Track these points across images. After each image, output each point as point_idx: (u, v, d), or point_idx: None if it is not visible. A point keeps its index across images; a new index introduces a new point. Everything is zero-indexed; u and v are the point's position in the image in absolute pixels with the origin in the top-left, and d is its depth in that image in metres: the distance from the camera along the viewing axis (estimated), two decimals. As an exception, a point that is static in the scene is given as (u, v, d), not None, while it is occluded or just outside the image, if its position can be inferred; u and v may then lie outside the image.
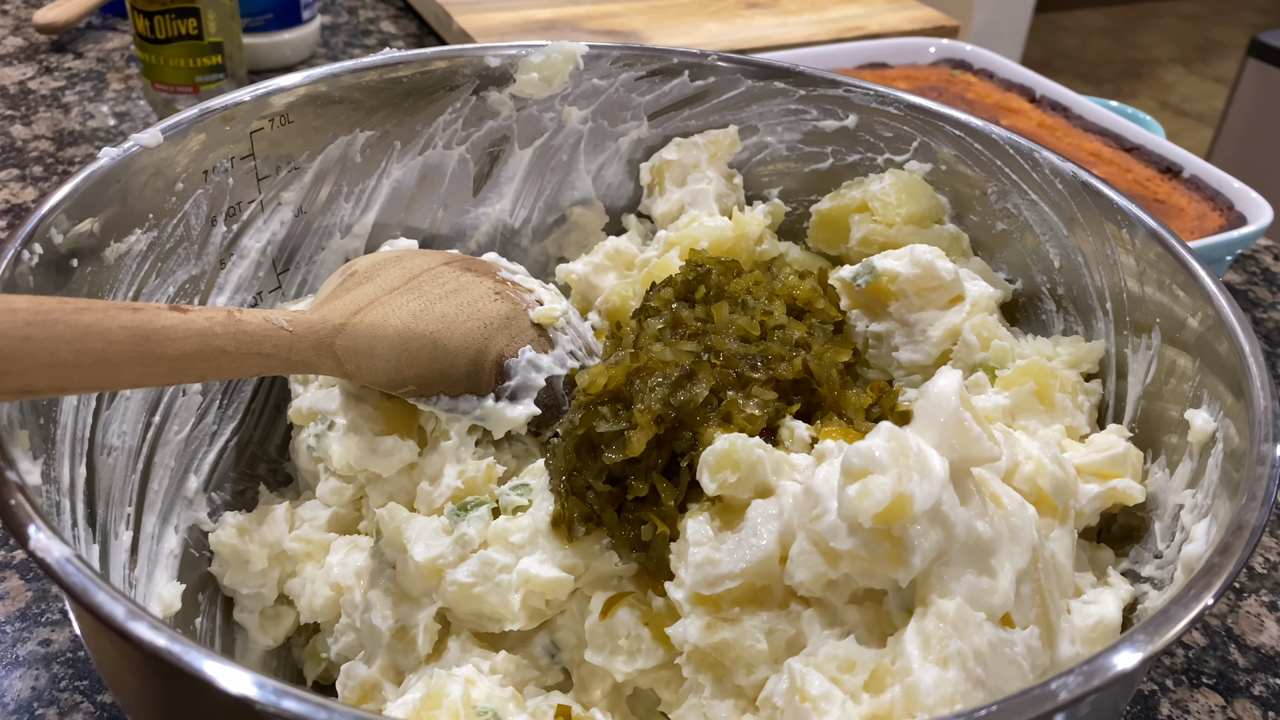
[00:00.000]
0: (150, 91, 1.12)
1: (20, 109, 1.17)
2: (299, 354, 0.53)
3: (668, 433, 0.52)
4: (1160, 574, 0.52)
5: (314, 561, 0.60)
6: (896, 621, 0.46)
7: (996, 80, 1.13)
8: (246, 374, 0.52)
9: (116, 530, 0.55)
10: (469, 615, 0.53)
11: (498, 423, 0.59)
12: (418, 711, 0.49)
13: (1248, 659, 0.67)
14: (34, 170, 1.07)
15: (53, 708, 0.59)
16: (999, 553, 0.46)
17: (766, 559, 0.48)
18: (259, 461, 0.69)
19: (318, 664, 0.61)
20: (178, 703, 0.42)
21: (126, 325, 0.45)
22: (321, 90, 0.67)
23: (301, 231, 0.69)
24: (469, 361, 0.58)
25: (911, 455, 0.44)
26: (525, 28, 1.30)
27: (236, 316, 0.50)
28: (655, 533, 0.51)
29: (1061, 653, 0.47)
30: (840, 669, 0.44)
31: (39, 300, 0.43)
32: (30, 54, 1.30)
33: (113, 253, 0.57)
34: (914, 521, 0.43)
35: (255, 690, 0.35)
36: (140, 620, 0.36)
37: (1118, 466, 0.56)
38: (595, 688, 0.53)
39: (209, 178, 0.63)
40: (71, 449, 0.52)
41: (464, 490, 0.57)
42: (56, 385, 0.44)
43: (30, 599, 0.65)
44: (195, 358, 0.48)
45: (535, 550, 0.53)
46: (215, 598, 0.62)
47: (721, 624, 0.48)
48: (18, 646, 0.62)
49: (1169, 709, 0.64)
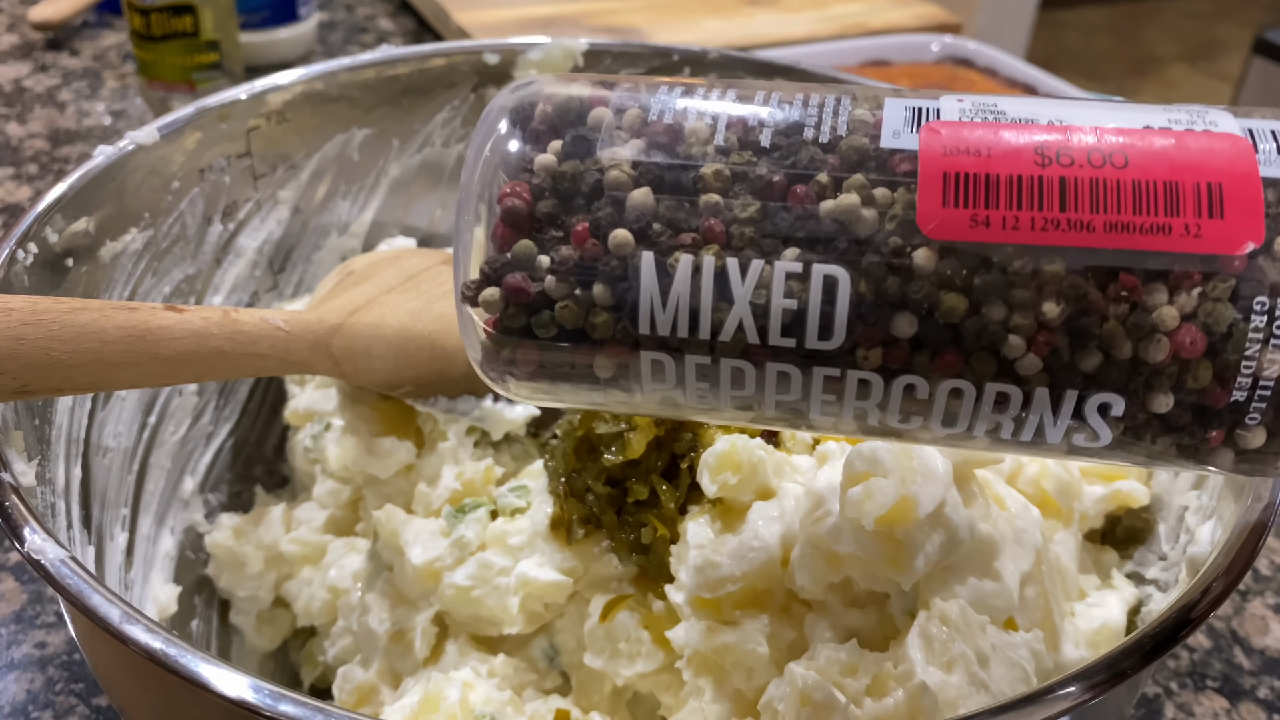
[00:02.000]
0: (146, 89, 1.11)
1: (15, 107, 1.17)
2: (296, 354, 0.53)
3: (668, 434, 0.51)
4: (1165, 576, 0.52)
5: (311, 564, 0.60)
6: (899, 625, 0.45)
7: (1000, 78, 1.13)
8: (243, 374, 0.51)
9: (112, 532, 0.55)
10: (467, 618, 0.53)
11: (496, 424, 0.58)
12: (415, 715, 0.48)
13: (1253, 661, 0.67)
14: (29, 169, 1.06)
15: (48, 711, 0.59)
16: (1002, 555, 0.46)
17: (768, 562, 0.47)
18: (255, 463, 0.68)
19: (315, 667, 0.61)
20: (174, 706, 0.41)
21: (122, 325, 0.45)
22: (319, 88, 0.67)
23: (298, 230, 0.69)
24: (467, 362, 0.58)
25: (914, 457, 0.44)
26: (524, 24, 1.29)
27: (233, 316, 0.50)
28: (655, 535, 0.51)
29: (1065, 656, 0.47)
30: (842, 672, 0.44)
31: (34, 300, 0.43)
32: (25, 51, 1.29)
33: (108, 252, 0.56)
34: (917, 524, 0.43)
35: (252, 694, 0.34)
36: (136, 623, 0.36)
37: (1122, 468, 0.55)
38: (595, 691, 0.53)
39: (205, 176, 0.62)
40: (67, 450, 0.51)
41: (462, 492, 0.56)
42: (52, 386, 0.43)
43: (25, 601, 0.65)
44: (191, 358, 0.47)
45: (534, 553, 0.53)
46: (211, 600, 0.62)
47: (722, 627, 0.48)
48: (12, 649, 0.62)
49: (1173, 712, 0.63)
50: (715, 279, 0.33)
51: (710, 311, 0.33)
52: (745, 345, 0.33)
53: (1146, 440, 0.33)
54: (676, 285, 0.33)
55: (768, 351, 0.33)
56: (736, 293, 0.33)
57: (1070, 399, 0.32)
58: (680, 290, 0.33)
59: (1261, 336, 0.31)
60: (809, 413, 0.35)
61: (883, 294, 0.32)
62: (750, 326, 0.33)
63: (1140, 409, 0.32)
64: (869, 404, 0.34)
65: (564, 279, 0.34)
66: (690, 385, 0.35)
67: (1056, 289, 0.32)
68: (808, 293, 0.33)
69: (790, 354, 0.33)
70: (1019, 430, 0.34)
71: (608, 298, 0.34)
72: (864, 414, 0.34)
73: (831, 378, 0.33)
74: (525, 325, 0.35)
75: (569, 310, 0.34)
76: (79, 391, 0.45)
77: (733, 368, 0.34)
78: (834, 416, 0.35)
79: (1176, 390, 0.31)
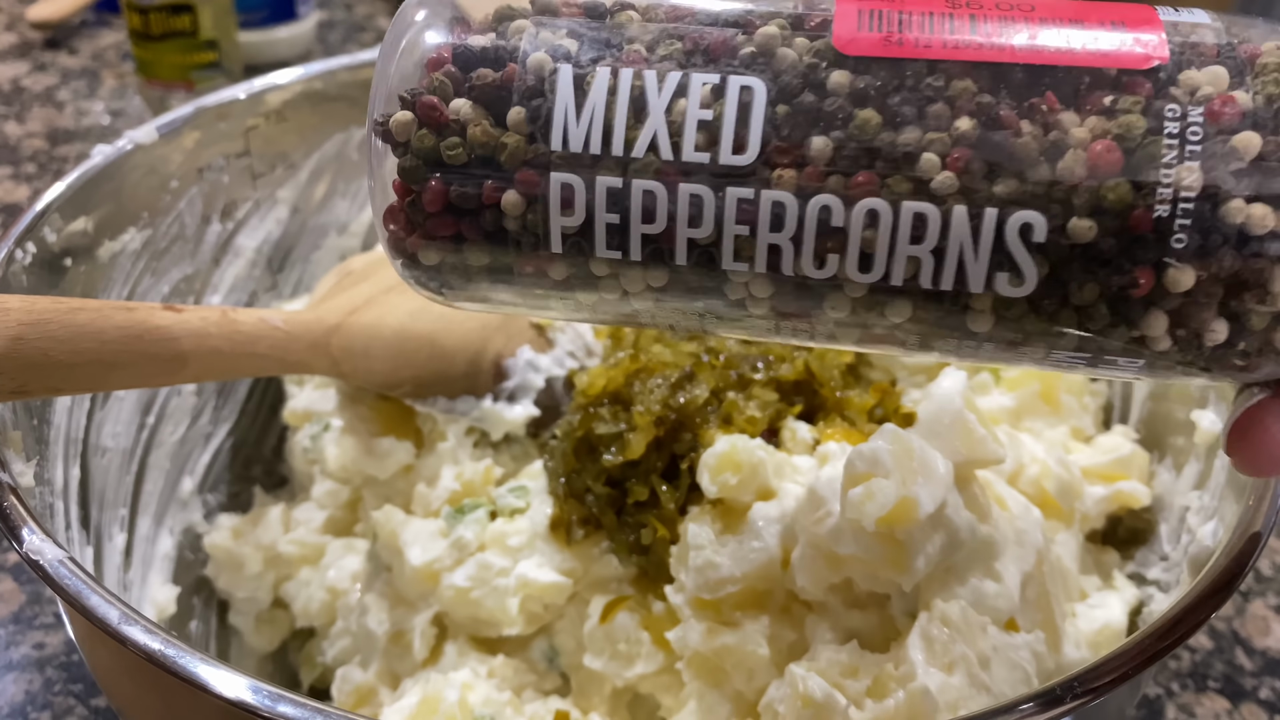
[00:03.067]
0: (145, 88, 1.11)
1: (13, 106, 1.17)
2: (294, 354, 0.52)
3: (667, 434, 0.51)
4: (1166, 577, 0.52)
5: (309, 564, 0.59)
6: (900, 626, 0.45)
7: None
8: (242, 375, 0.51)
9: (110, 533, 0.55)
10: (466, 619, 0.53)
11: (496, 424, 0.58)
12: (414, 716, 0.48)
13: (1254, 662, 0.67)
14: (27, 168, 1.06)
15: (46, 711, 0.59)
16: (1003, 556, 0.46)
17: (768, 562, 0.47)
18: (254, 463, 0.68)
19: (314, 668, 0.61)
20: (172, 707, 0.41)
21: (120, 325, 0.45)
22: (317, 87, 0.67)
23: (297, 230, 0.69)
24: (467, 362, 0.58)
25: (915, 458, 0.44)
26: (523, 25, 1.29)
27: (231, 316, 0.49)
28: (655, 536, 0.50)
29: (1066, 656, 0.47)
30: (843, 674, 0.44)
31: (32, 300, 0.43)
32: (23, 51, 1.29)
33: (107, 251, 0.56)
34: (918, 525, 0.43)
35: (251, 695, 0.34)
36: (134, 624, 0.36)
37: (1123, 468, 0.55)
38: (594, 692, 0.52)
39: (204, 175, 0.62)
40: (65, 450, 0.51)
41: (461, 492, 0.56)
42: (50, 386, 0.43)
43: (24, 602, 0.65)
44: (189, 358, 0.47)
45: (533, 554, 0.53)
46: (210, 601, 0.62)
47: (722, 628, 0.48)
48: (11, 650, 0.62)
49: (1175, 713, 0.63)
50: (631, 93, 0.33)
51: (624, 128, 0.33)
52: (659, 165, 0.33)
53: (1074, 288, 0.32)
54: (592, 97, 0.33)
55: (680, 170, 0.33)
56: (652, 104, 0.33)
57: (990, 221, 0.31)
58: (596, 101, 0.33)
59: (1176, 144, 0.31)
60: (721, 260, 0.34)
61: (799, 107, 0.32)
62: (664, 141, 0.33)
63: (1062, 235, 0.31)
64: (783, 238, 0.33)
65: (479, 102, 0.34)
66: (599, 223, 0.34)
67: (969, 105, 0.32)
68: (723, 105, 0.32)
69: (703, 171, 0.33)
70: (939, 273, 0.32)
71: (522, 119, 0.33)
72: (778, 258, 0.33)
73: (745, 201, 0.33)
74: (434, 148, 0.34)
75: (481, 129, 0.33)
76: (77, 392, 0.45)
77: (644, 191, 0.33)
78: (747, 264, 0.34)
79: (1097, 214, 0.31)
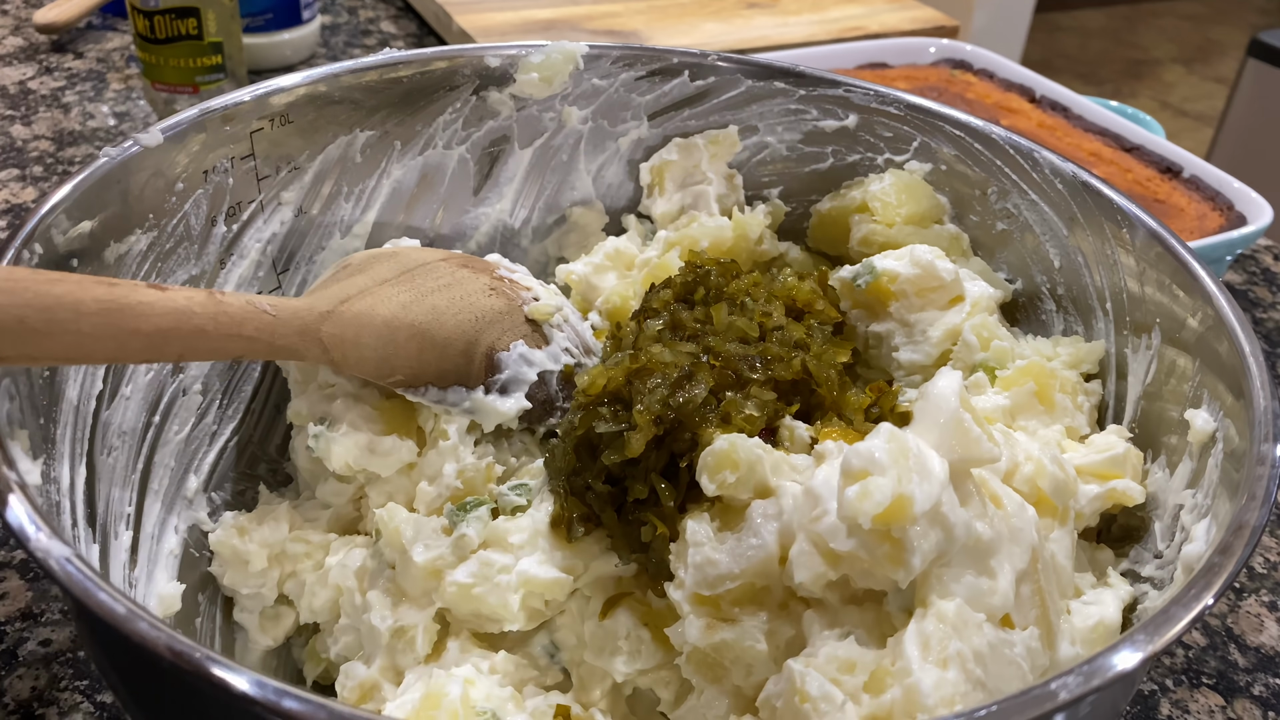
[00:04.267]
0: (150, 91, 1.12)
1: (20, 109, 1.17)
2: (283, 339, 0.53)
3: (667, 433, 0.52)
4: (1160, 574, 0.52)
5: (313, 562, 0.60)
6: (896, 622, 0.46)
7: (996, 80, 1.13)
8: (229, 355, 0.51)
9: (116, 530, 0.55)
10: (468, 616, 0.53)
11: (487, 415, 0.58)
12: (417, 711, 0.49)
13: (1248, 659, 0.67)
14: (34, 170, 1.07)
15: (52, 708, 0.59)
16: (999, 554, 0.46)
17: (766, 560, 0.48)
18: (259, 461, 0.69)
19: (317, 664, 0.61)
20: (178, 703, 0.42)
21: (100, 298, 0.45)
22: (321, 90, 0.67)
23: (302, 231, 0.69)
24: (458, 353, 0.58)
25: (911, 456, 0.44)
26: (525, 28, 1.30)
27: (218, 298, 0.50)
28: (655, 533, 0.51)
29: (1061, 653, 0.47)
30: (840, 670, 0.44)
31: (11, 269, 0.43)
32: (30, 54, 1.30)
33: (112, 253, 0.57)
34: (914, 523, 0.43)
35: (255, 690, 0.35)
36: (140, 620, 0.36)
37: (1117, 467, 0.56)
38: (595, 688, 0.53)
39: (209, 178, 0.63)
40: (72, 448, 0.52)
41: (463, 490, 0.57)
42: (24, 353, 0.44)
43: (30, 599, 0.65)
44: (171, 335, 0.48)
45: (534, 551, 0.53)
46: (215, 598, 0.62)
47: (721, 624, 0.48)
48: (18, 646, 0.62)
49: (1169, 709, 0.64)
50: None
51: None
52: None
53: None
54: None
55: None
56: None
57: None
58: None
59: None
60: None
61: None
62: None
63: None
64: None
65: None
66: None
67: None
68: None
69: None
70: None
71: None
72: None
73: None
74: None
75: None
76: (54, 362, 0.45)
77: None
78: None
79: None
